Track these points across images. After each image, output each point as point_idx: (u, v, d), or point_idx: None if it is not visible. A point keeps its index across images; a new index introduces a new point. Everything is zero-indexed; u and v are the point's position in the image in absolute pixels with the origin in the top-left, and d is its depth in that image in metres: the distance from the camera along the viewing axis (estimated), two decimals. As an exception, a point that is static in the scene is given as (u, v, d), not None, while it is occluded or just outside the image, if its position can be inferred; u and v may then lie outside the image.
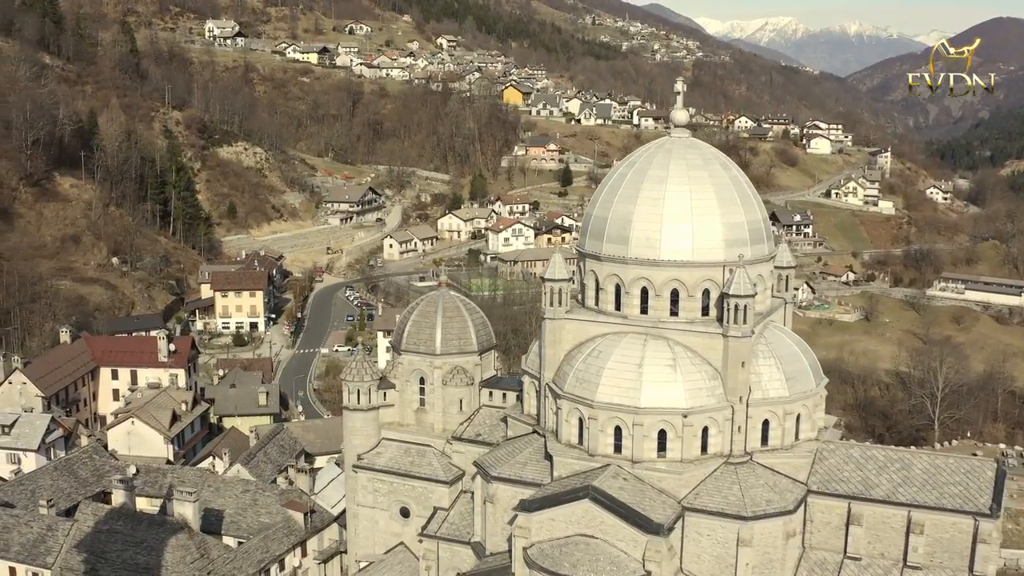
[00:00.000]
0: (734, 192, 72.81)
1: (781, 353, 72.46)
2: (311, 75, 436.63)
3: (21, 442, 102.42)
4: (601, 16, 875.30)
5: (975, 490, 69.16)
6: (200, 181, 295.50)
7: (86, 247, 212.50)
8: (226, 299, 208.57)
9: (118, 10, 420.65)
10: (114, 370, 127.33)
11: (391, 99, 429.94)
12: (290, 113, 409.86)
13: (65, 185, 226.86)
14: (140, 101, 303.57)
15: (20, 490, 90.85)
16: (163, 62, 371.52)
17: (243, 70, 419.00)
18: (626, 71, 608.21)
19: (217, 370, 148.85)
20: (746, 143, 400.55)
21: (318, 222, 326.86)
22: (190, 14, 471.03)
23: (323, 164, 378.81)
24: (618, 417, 69.42)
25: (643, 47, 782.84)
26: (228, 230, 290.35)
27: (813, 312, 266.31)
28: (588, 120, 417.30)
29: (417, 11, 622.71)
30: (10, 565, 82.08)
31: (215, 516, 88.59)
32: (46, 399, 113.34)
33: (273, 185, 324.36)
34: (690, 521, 68.46)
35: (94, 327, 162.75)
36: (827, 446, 73.48)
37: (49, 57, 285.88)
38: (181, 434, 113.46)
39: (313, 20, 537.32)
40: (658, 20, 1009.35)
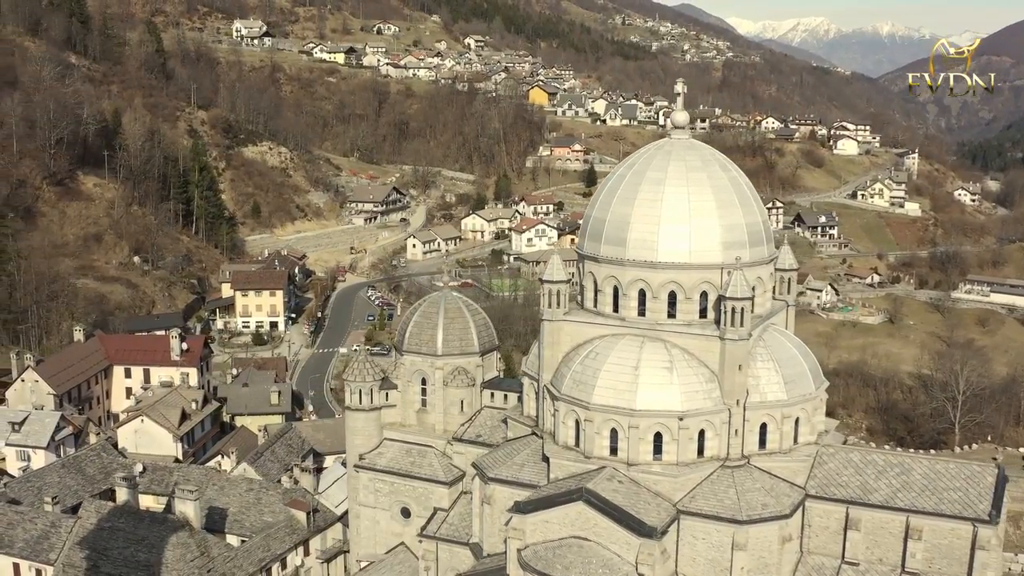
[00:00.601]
0: (733, 194, 72.40)
1: (780, 356, 71.95)
2: (337, 75, 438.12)
3: (31, 439, 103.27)
4: (631, 16, 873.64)
5: (975, 496, 68.45)
6: (225, 180, 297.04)
7: (108, 246, 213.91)
8: (246, 298, 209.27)
9: (146, 10, 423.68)
10: (127, 368, 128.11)
11: (417, 99, 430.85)
12: (316, 113, 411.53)
13: (88, 184, 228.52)
14: (165, 101, 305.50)
15: (27, 487, 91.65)
16: (190, 62, 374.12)
17: (270, 70, 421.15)
18: (654, 71, 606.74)
19: (231, 369, 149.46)
20: (772, 144, 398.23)
21: (342, 222, 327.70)
22: (218, 14, 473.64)
23: (348, 164, 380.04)
24: (614, 419, 69.22)
25: (673, 47, 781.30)
26: (252, 229, 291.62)
27: (837, 314, 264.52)
28: (614, 120, 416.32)
29: (446, 11, 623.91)
30: (14, 561, 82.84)
31: (219, 514, 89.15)
32: (58, 397, 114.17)
33: (297, 185, 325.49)
34: (685, 524, 68.13)
35: (111, 326, 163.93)
36: (827, 450, 72.92)
37: (75, 57, 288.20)
38: (191, 433, 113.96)
39: (341, 20, 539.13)
40: (689, 20, 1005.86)
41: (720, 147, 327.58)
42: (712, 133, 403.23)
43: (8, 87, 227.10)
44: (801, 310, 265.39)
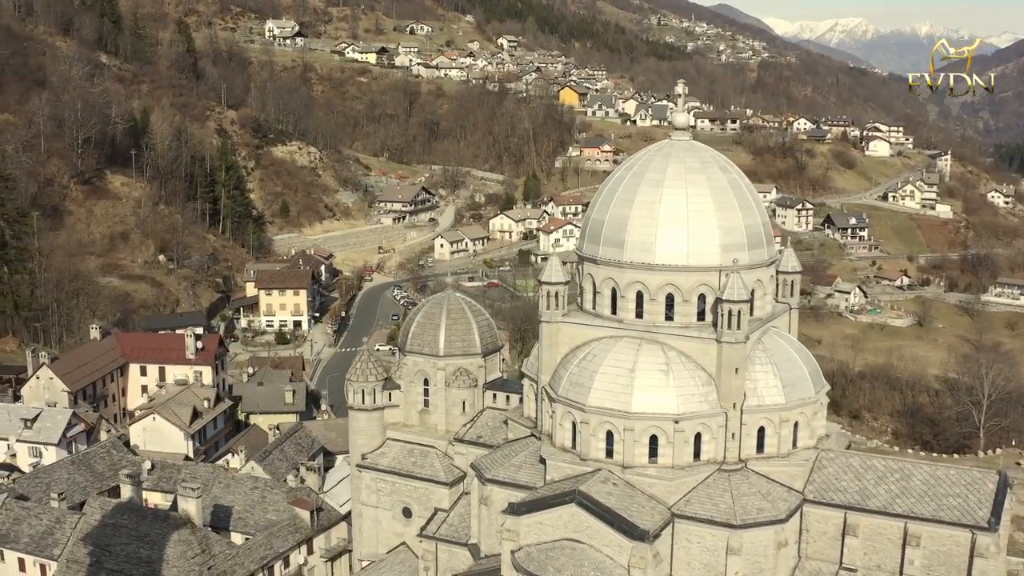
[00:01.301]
0: (732, 196, 71.88)
1: (779, 360, 71.32)
2: (369, 75, 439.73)
3: (42, 436, 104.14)
4: (666, 16, 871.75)
5: (974, 503, 67.61)
6: (254, 180, 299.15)
7: (134, 244, 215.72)
8: (270, 297, 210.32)
9: (179, 10, 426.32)
10: (143, 366, 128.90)
11: (448, 99, 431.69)
12: (347, 113, 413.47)
13: (116, 183, 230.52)
14: (195, 100, 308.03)
15: (36, 483, 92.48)
16: (222, 62, 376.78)
17: (301, 70, 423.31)
18: (687, 72, 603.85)
19: (247, 368, 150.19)
20: (803, 145, 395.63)
21: (370, 221, 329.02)
22: (251, 14, 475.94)
23: (378, 164, 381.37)
24: (609, 422, 68.96)
25: (708, 48, 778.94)
26: (280, 229, 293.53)
27: (865, 316, 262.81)
28: (644, 121, 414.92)
29: (480, 11, 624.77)
30: (19, 556, 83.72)
31: (224, 512, 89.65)
32: (72, 394, 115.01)
33: (326, 184, 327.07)
34: (680, 528, 67.73)
35: (130, 324, 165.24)
36: (827, 454, 72.20)
37: (106, 56, 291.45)
38: (203, 430, 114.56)
39: (374, 20, 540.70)
40: (725, 21, 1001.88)
41: (750, 148, 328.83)
42: (743, 134, 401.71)
43: (37, 86, 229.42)
44: (829, 312, 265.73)
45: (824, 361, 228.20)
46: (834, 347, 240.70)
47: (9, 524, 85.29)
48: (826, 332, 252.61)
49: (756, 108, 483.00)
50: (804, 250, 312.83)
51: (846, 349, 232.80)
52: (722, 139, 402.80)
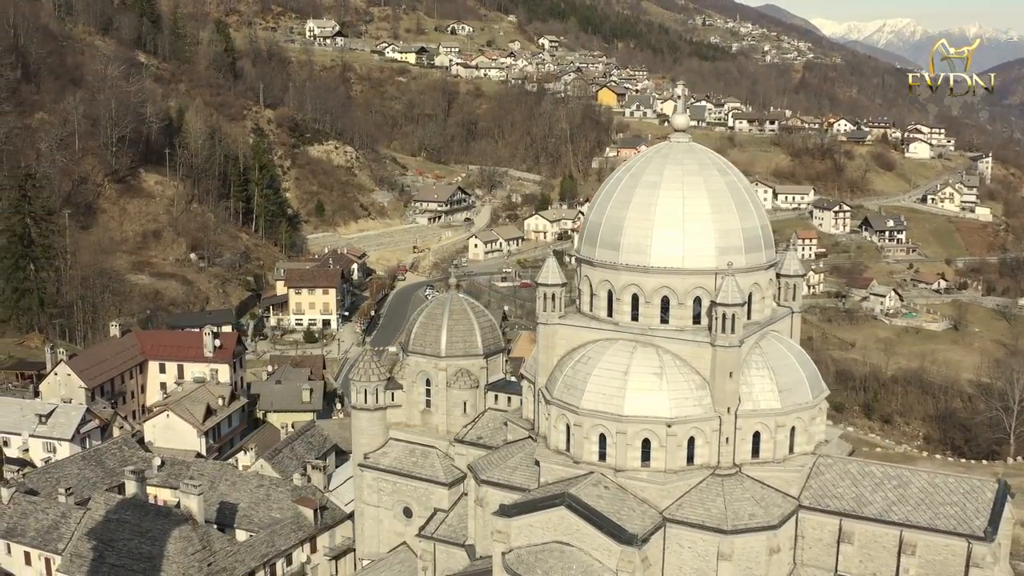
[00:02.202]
0: (729, 198, 71.27)
1: (776, 364, 70.62)
2: (408, 75, 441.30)
3: (56, 431, 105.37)
4: (712, 17, 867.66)
5: (972, 511, 66.62)
6: (289, 179, 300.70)
7: (166, 243, 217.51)
8: (299, 296, 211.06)
9: (220, 9, 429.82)
10: (162, 364, 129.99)
11: (486, 99, 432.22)
12: (386, 112, 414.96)
13: (150, 181, 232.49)
14: (232, 100, 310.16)
15: (46, 478, 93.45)
16: (261, 61, 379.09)
17: (340, 69, 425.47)
18: (729, 72, 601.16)
19: (266, 366, 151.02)
20: (842, 146, 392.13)
21: (406, 221, 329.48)
22: (292, 13, 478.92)
23: (415, 163, 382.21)
24: (602, 424, 68.68)
25: (753, 48, 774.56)
26: (315, 228, 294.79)
27: (900, 320, 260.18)
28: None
29: (523, 11, 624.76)
30: (25, 549, 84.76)
31: (230, 509, 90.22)
32: (89, 390, 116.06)
33: (362, 184, 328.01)
34: (671, 533, 67.32)
35: (157, 321, 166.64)
36: (825, 460, 71.43)
37: (145, 56, 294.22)
38: (217, 428, 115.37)
39: (415, 20, 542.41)
40: (771, 21, 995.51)
41: (789, 149, 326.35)
42: (781, 135, 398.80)
43: (73, 85, 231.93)
44: (864, 315, 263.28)
45: (856, 364, 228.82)
46: (867, 350, 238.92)
47: (16, 518, 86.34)
48: (860, 335, 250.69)
49: (798, 109, 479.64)
50: (841, 252, 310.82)
51: (879, 353, 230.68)
52: (760, 140, 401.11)
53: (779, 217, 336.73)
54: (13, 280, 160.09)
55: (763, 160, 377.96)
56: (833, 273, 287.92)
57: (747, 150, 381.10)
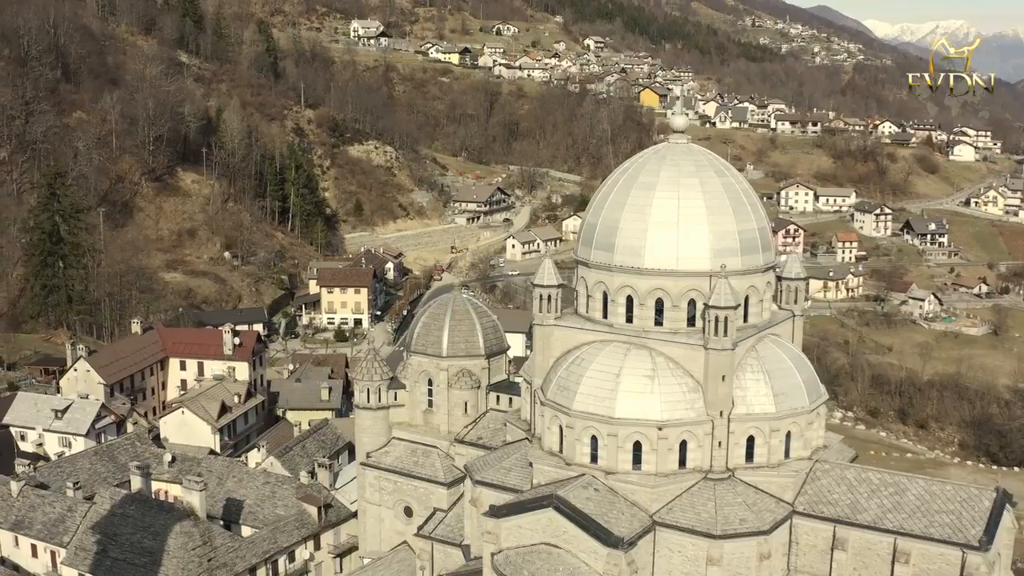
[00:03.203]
0: (726, 200, 70.66)
1: (772, 368, 69.87)
2: (451, 75, 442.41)
3: (71, 426, 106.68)
4: (761, 18, 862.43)
5: (968, 520, 65.57)
6: (328, 179, 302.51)
7: (201, 241, 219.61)
8: (331, 295, 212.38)
9: (265, 10, 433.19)
10: (182, 361, 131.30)
11: (528, 100, 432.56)
12: (428, 113, 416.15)
13: (187, 180, 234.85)
14: (273, 100, 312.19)
15: (57, 472, 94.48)
16: (304, 61, 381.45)
17: (383, 70, 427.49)
18: (775, 74, 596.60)
19: (288, 364, 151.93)
20: (885, 149, 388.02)
21: (444, 221, 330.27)
22: (336, 14, 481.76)
23: (456, 164, 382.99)
24: (593, 426, 68.37)
25: (803, 50, 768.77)
26: (354, 227, 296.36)
27: (939, 324, 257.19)
28: (723, 123, 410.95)
29: (569, 12, 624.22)
30: (32, 542, 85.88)
31: (236, 506, 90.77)
32: (108, 386, 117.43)
33: (401, 184, 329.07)
34: (661, 536, 66.82)
35: (184, 319, 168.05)
36: (822, 466, 70.67)
37: (186, 56, 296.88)
38: (233, 425, 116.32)
39: (460, 20, 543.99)
40: (822, 22, 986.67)
41: (831, 151, 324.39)
42: (824, 137, 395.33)
43: (112, 85, 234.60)
44: (902, 320, 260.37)
45: (893, 369, 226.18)
46: (904, 355, 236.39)
47: (25, 511, 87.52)
48: (897, 339, 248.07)
49: (845, 111, 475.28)
50: (881, 256, 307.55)
51: (916, 357, 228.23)
52: (802, 142, 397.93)
53: (820, 219, 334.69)
54: (42, 277, 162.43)
55: (805, 162, 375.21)
56: (873, 276, 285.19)
57: (789, 152, 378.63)
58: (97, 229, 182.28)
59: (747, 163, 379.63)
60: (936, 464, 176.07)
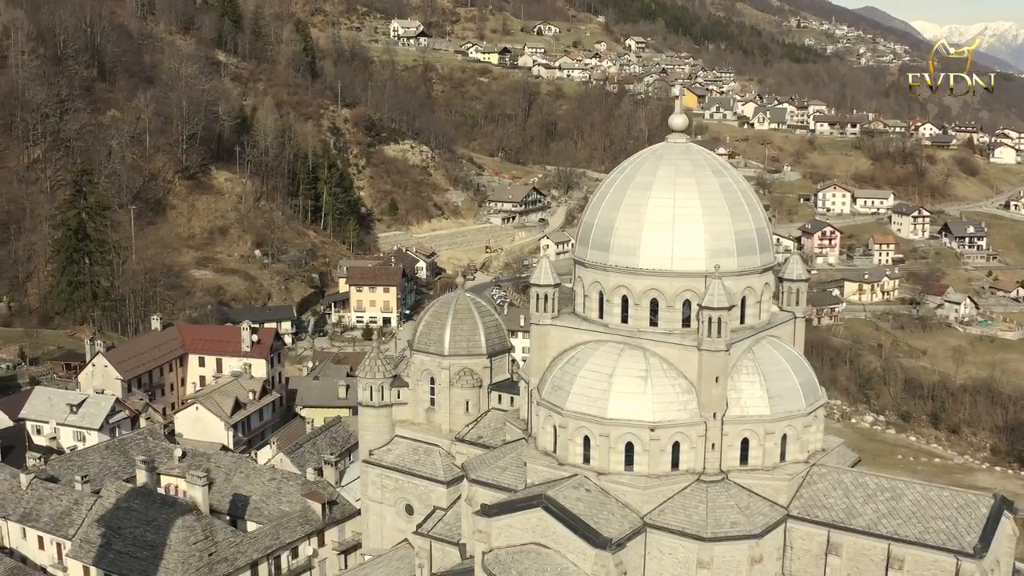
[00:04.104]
0: (722, 200, 70.07)
1: (768, 370, 69.20)
2: (489, 75, 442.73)
3: (86, 421, 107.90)
4: (807, 19, 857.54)
5: (963, 527, 64.60)
6: (364, 178, 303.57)
7: (232, 239, 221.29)
8: (360, 294, 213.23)
9: (305, 10, 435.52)
10: (201, 357, 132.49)
11: (567, 100, 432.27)
12: (466, 112, 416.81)
13: (220, 179, 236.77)
14: (310, 99, 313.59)
15: (68, 465, 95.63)
16: (344, 61, 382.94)
17: (422, 69, 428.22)
18: (818, 75, 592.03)
19: (307, 362, 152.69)
20: (925, 151, 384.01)
21: (479, 221, 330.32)
22: (376, 13, 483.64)
23: (492, 163, 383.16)
24: (586, 427, 68.11)
25: (848, 51, 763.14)
26: (388, 226, 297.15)
27: (975, 328, 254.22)
28: (761, 124, 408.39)
29: (612, 12, 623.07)
30: (39, 534, 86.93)
31: (242, 501, 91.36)
32: (125, 382, 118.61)
33: (437, 183, 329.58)
34: (652, 538, 66.41)
35: (211, 317, 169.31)
36: (819, 470, 69.92)
37: (224, 55, 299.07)
38: (247, 421, 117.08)
39: (501, 20, 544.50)
40: (869, 23, 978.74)
41: (870, 153, 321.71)
42: (862, 138, 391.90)
43: (148, 84, 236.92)
44: (937, 323, 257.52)
45: (926, 373, 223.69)
46: (938, 358, 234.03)
47: (33, 503, 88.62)
48: (932, 343, 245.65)
49: (887, 112, 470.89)
50: (919, 258, 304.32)
51: (947, 361, 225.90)
52: (841, 143, 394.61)
53: (857, 221, 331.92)
54: (68, 273, 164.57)
55: (843, 164, 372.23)
56: (909, 279, 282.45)
57: (827, 153, 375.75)
58: (122, 226, 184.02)
59: (784, 164, 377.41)
60: (964, 469, 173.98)
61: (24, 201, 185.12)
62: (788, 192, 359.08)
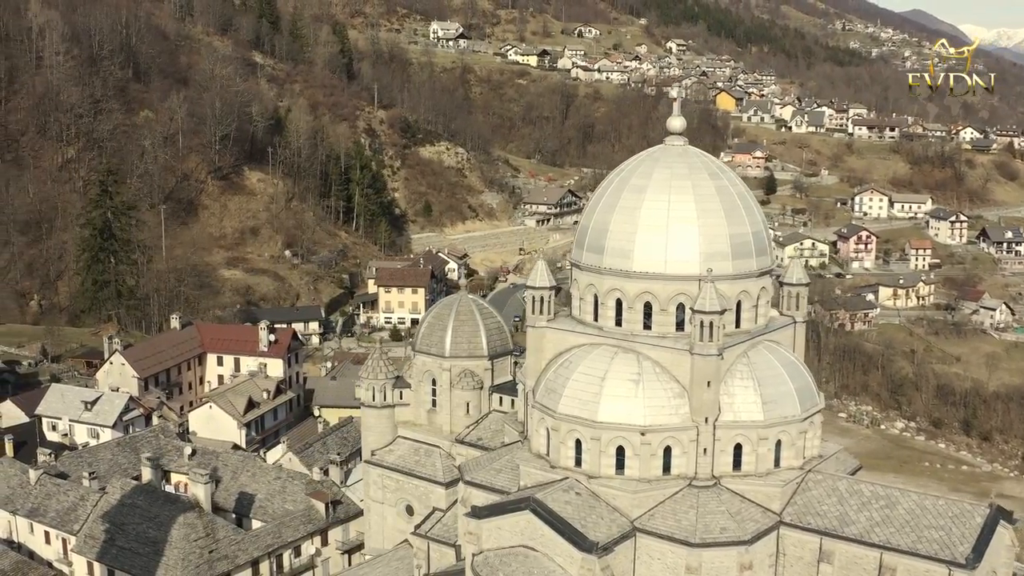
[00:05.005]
0: (718, 203, 69.67)
1: (762, 375, 68.63)
2: (528, 77, 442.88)
3: (99, 418, 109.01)
4: (852, 22, 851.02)
5: (957, 537, 63.75)
6: (398, 179, 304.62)
7: (263, 239, 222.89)
8: (389, 295, 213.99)
9: (345, 12, 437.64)
10: (219, 357, 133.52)
11: (604, 102, 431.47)
12: (504, 114, 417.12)
13: (253, 179, 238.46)
14: (346, 100, 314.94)
15: (79, 462, 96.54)
16: (382, 62, 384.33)
17: (460, 71, 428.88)
18: (860, 78, 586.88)
19: (326, 362, 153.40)
20: (964, 155, 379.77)
21: (513, 223, 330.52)
22: (416, 15, 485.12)
23: (529, 166, 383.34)
24: (577, 430, 67.93)
25: (893, 54, 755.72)
26: (422, 228, 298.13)
27: (1010, 334, 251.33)
28: (799, 127, 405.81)
29: (654, 15, 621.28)
30: (45, 529, 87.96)
31: (247, 499, 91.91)
32: (142, 380, 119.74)
33: (472, 185, 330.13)
34: (642, 543, 66.09)
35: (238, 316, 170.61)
36: (814, 476, 69.28)
37: (261, 56, 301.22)
38: (261, 420, 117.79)
39: (542, 23, 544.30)
40: (915, 27, 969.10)
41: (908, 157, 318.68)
42: (901, 142, 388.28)
43: (182, 85, 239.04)
44: (972, 329, 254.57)
45: (958, 379, 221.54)
46: (971, 365, 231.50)
47: (41, 499, 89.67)
48: (966, 349, 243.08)
49: (928, 116, 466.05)
50: (956, 264, 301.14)
51: (979, 367, 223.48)
52: (879, 147, 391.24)
53: (894, 226, 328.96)
54: (93, 272, 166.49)
55: (881, 168, 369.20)
56: (945, 284, 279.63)
57: (865, 157, 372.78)
58: (150, 226, 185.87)
59: (822, 168, 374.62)
60: (992, 477, 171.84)
61: (56, 201, 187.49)
62: (825, 196, 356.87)
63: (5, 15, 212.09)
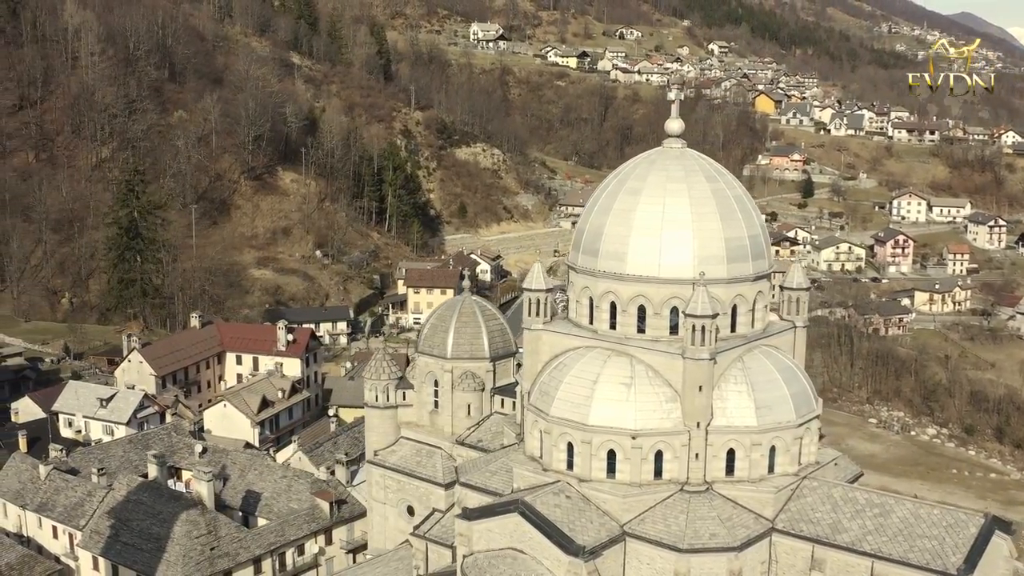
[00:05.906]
0: (714, 206, 69.27)
1: (757, 380, 68.15)
2: (567, 79, 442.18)
3: (114, 415, 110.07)
4: (898, 24, 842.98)
5: (950, 546, 62.99)
6: (434, 180, 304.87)
7: (295, 239, 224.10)
8: (418, 295, 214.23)
9: (386, 13, 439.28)
10: (238, 355, 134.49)
11: (643, 104, 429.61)
12: (542, 116, 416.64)
13: (286, 180, 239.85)
14: (382, 101, 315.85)
15: (89, 458, 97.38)
16: (421, 64, 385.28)
17: (499, 73, 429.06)
18: (903, 81, 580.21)
19: (345, 362, 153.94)
20: (1005, 159, 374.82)
21: (549, 224, 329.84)
22: (457, 17, 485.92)
23: (565, 167, 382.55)
24: (568, 433, 67.85)
25: (939, 57, 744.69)
26: (457, 229, 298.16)
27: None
28: (838, 130, 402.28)
29: (697, 16, 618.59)
30: (53, 524, 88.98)
31: (254, 498, 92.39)
32: (159, 378, 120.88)
33: (507, 187, 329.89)
34: (631, 548, 65.93)
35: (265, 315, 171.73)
36: (809, 483, 68.76)
37: (298, 57, 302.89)
38: (275, 419, 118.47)
39: (583, 24, 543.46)
40: (963, 29, 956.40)
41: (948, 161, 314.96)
42: (941, 146, 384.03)
43: (216, 85, 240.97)
44: (1008, 335, 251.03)
45: (992, 385, 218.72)
46: (1006, 371, 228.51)
47: (50, 494, 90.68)
48: (1001, 355, 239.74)
49: (973, 119, 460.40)
50: (994, 269, 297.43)
51: (1013, 374, 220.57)
52: (919, 151, 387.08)
53: (932, 230, 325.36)
54: (119, 270, 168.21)
55: (920, 171, 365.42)
56: (982, 290, 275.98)
57: (904, 160, 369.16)
58: (179, 225, 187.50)
59: (860, 171, 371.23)
60: (1020, 486, 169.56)
61: (89, 200, 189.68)
62: (863, 199, 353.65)
63: (41, 16, 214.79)
